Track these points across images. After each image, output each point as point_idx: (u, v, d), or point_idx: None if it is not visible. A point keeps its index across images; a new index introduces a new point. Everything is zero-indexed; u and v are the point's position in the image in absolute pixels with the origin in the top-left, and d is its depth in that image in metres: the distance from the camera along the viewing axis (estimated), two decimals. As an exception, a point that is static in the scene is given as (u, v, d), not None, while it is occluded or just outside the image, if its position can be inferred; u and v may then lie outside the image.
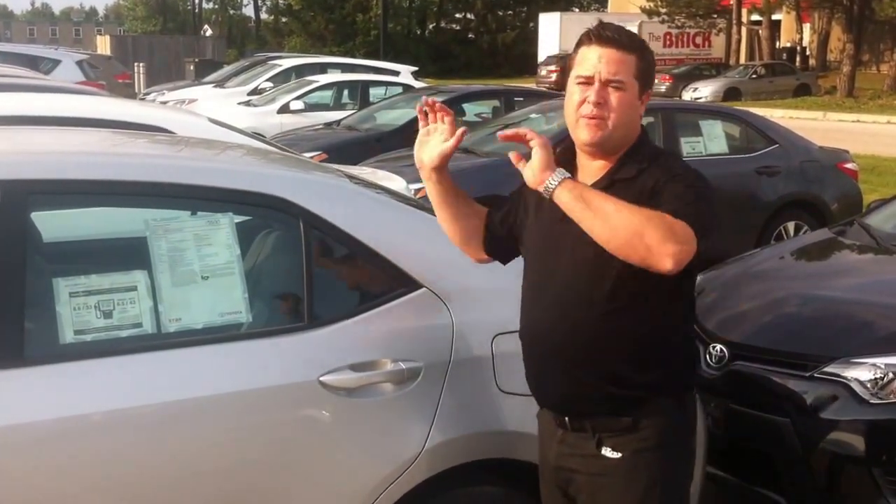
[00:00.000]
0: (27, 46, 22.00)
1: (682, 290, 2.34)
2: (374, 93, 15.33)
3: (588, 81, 2.28)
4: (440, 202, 2.55)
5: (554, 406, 2.43)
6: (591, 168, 2.35)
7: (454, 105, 11.69)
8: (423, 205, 3.53)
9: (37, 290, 2.55)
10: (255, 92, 17.53)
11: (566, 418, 2.39)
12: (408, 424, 2.77)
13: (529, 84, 31.08)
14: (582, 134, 2.30)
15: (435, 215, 2.91)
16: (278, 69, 19.24)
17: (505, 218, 2.55)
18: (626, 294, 2.25)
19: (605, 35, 2.29)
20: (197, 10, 66.24)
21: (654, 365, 2.31)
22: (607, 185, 2.29)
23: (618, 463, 2.32)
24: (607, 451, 2.33)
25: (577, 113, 2.30)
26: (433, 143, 2.46)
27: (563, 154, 2.41)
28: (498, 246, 2.58)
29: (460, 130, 2.44)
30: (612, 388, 2.30)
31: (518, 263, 2.61)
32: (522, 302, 2.47)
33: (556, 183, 2.18)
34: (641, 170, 2.29)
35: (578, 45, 2.34)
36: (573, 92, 2.31)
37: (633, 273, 2.18)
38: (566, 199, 2.17)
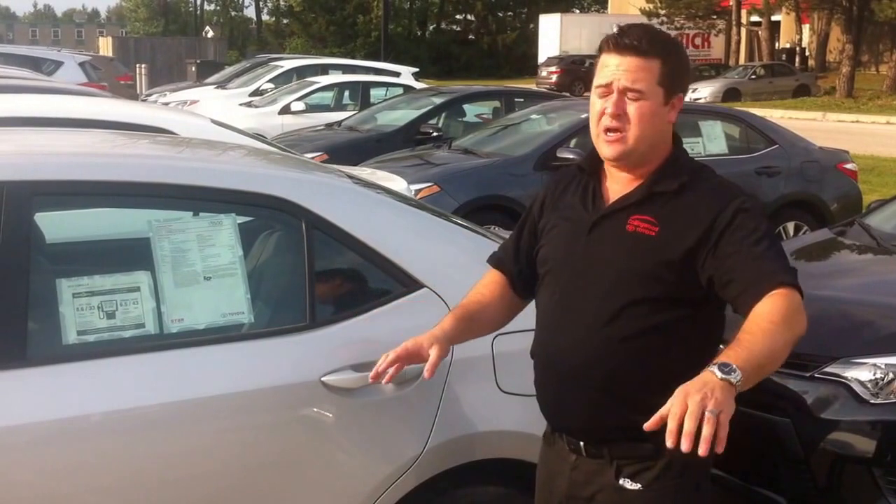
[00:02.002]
0: (30, 48, 22.01)
1: (713, 315, 2.24)
2: (375, 94, 15.36)
3: (607, 91, 2.17)
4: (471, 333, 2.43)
5: (571, 431, 2.30)
6: (621, 177, 2.24)
7: (455, 105, 11.73)
8: (423, 205, 3.54)
9: (40, 290, 2.56)
10: (256, 93, 17.53)
11: (582, 444, 2.26)
12: (409, 425, 2.77)
13: (530, 85, 31.09)
14: (603, 149, 2.20)
15: (436, 215, 2.93)
16: (279, 70, 19.25)
17: (517, 256, 2.43)
18: (653, 318, 2.14)
19: (623, 42, 2.16)
20: (198, 12, 66.26)
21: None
22: (645, 197, 2.18)
23: (638, 494, 2.20)
24: (626, 483, 2.21)
25: (598, 125, 2.20)
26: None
27: (590, 159, 2.31)
28: (531, 286, 2.43)
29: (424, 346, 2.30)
30: (635, 414, 2.14)
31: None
32: (540, 321, 2.32)
33: (738, 380, 1.93)
34: (683, 184, 2.17)
35: (599, 50, 2.23)
36: (594, 102, 2.21)
37: (660, 298, 2.10)
38: (753, 382, 2.00)
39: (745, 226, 2.11)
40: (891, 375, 3.41)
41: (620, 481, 2.21)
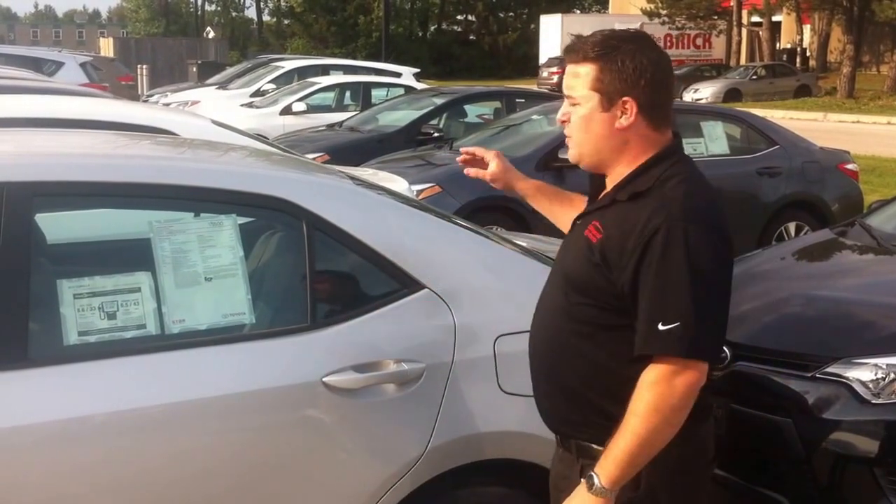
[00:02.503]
0: (31, 48, 21.97)
1: None
2: (376, 94, 15.36)
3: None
4: (537, 207, 2.63)
5: (545, 422, 2.34)
6: (609, 182, 2.23)
7: (456, 106, 11.73)
8: (424, 206, 3.54)
9: (41, 291, 2.56)
10: (257, 94, 17.54)
11: (558, 437, 2.31)
12: (411, 425, 2.77)
13: (531, 85, 31.07)
14: None
15: (437, 216, 2.92)
16: (281, 71, 19.25)
17: None
18: (592, 321, 2.14)
19: (568, 48, 2.20)
20: (199, 13, 66.33)
21: (625, 395, 2.10)
22: (607, 204, 2.17)
23: None
24: None
25: None
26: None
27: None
28: None
29: (491, 156, 2.60)
30: (582, 412, 2.18)
31: (523, 266, 2.63)
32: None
33: (609, 492, 2.06)
34: (636, 194, 2.11)
35: None
36: None
37: (598, 304, 2.12)
38: (620, 479, 2.06)
39: (655, 256, 2.03)
40: (892, 375, 3.41)
41: (583, 480, 2.19)
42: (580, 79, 2.15)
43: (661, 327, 2.03)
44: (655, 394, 2.04)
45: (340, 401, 2.67)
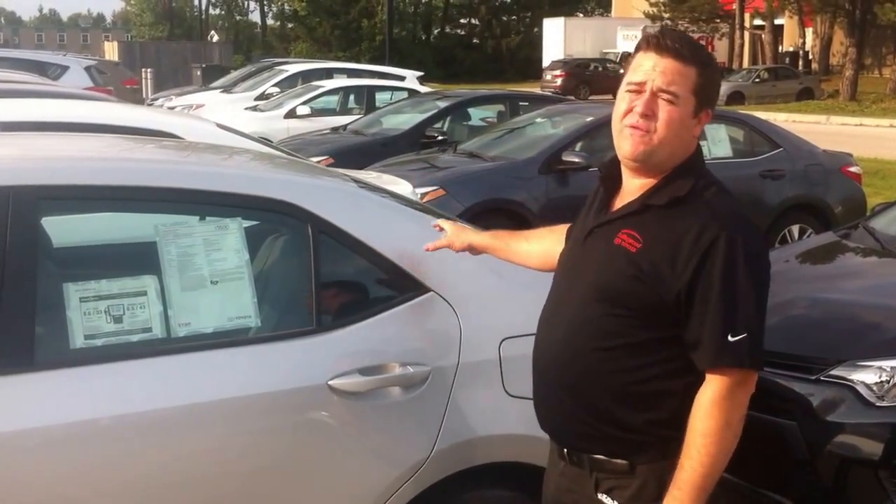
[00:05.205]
0: (35, 52, 21.95)
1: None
2: (380, 97, 15.37)
3: (639, 89, 2.10)
4: (503, 259, 2.71)
5: (553, 435, 2.31)
6: (632, 186, 2.18)
7: (459, 109, 11.74)
8: (429, 208, 3.55)
9: (47, 295, 2.56)
10: (261, 97, 17.57)
11: (565, 450, 2.27)
12: (416, 428, 2.78)
13: (534, 88, 31.08)
14: (624, 145, 2.12)
15: (441, 218, 2.93)
16: (285, 74, 19.27)
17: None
18: (625, 334, 2.11)
19: (665, 43, 2.10)
20: (203, 17, 66.36)
21: (651, 408, 2.12)
22: (640, 209, 2.13)
23: None
24: (604, 497, 2.18)
25: (621, 122, 2.13)
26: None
27: (609, 167, 2.26)
28: None
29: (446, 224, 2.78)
30: (606, 427, 2.15)
31: (527, 270, 2.63)
32: (538, 323, 2.32)
33: None
34: (677, 199, 2.10)
35: (636, 49, 2.17)
36: (622, 99, 2.14)
37: (634, 315, 2.09)
38: (698, 498, 2.06)
39: (717, 266, 2.03)
40: (896, 378, 3.41)
41: (599, 495, 2.19)
42: (683, 78, 2.10)
43: (730, 339, 2.03)
44: (725, 410, 2.05)
45: (346, 404, 2.68)
